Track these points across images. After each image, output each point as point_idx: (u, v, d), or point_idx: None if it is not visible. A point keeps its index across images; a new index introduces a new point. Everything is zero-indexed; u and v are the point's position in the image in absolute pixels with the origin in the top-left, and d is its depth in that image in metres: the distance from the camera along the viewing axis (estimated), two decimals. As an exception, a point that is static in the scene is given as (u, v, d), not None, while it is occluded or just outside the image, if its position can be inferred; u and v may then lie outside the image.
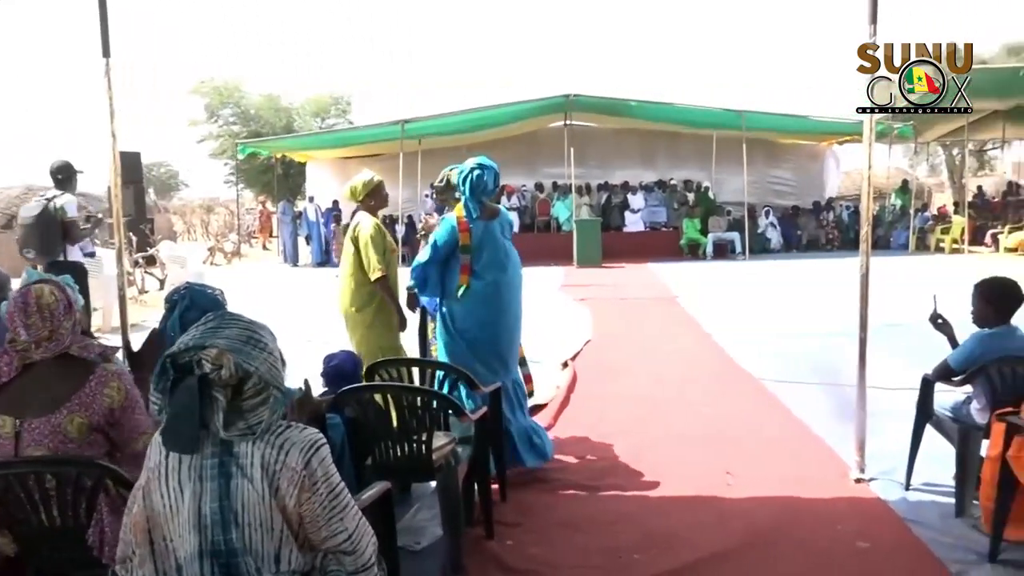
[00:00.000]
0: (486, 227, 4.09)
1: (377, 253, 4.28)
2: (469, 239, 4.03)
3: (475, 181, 4.04)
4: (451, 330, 4.10)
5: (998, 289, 3.51)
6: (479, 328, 4.04)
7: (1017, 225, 17.59)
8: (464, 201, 4.09)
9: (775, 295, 11.39)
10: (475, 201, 4.06)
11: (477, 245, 4.05)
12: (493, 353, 4.06)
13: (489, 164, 4.12)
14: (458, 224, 4.05)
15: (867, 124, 3.89)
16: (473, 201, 4.06)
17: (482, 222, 4.08)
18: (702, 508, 3.71)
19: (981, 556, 3.10)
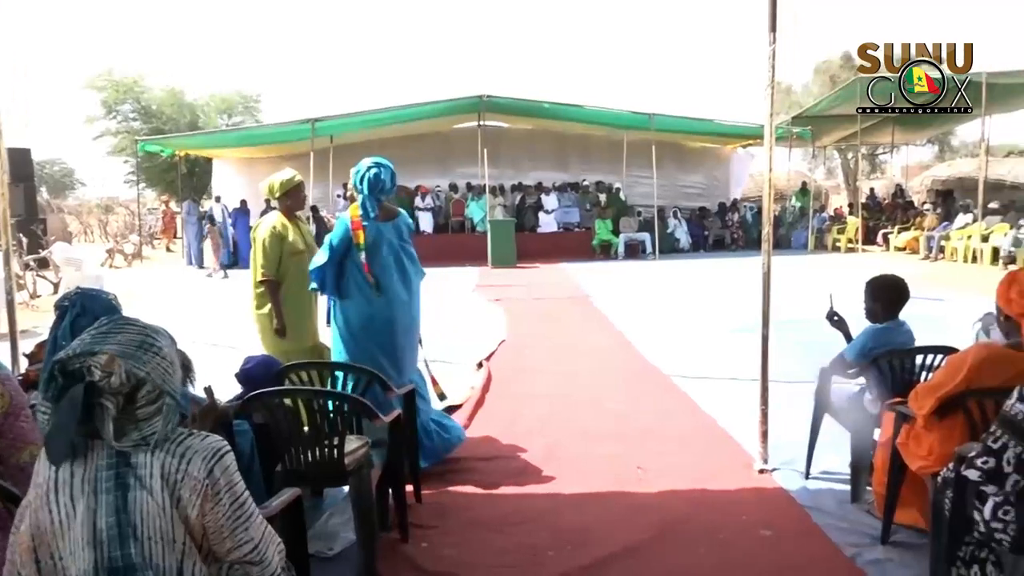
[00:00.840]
0: (381, 227, 4.02)
1: (265, 256, 4.21)
2: (363, 238, 3.97)
3: (372, 180, 3.97)
4: (343, 331, 4.03)
5: (886, 286, 3.71)
6: (373, 330, 3.98)
7: (905, 225, 18.63)
8: (361, 200, 4.02)
9: (684, 294, 11.72)
10: (372, 200, 3.99)
11: (371, 245, 3.98)
12: (385, 356, 3.97)
13: (386, 163, 4.03)
14: (351, 223, 3.98)
15: (767, 128, 4.04)
16: (371, 200, 3.99)
17: (377, 223, 4.01)
18: (614, 503, 3.78)
19: (874, 539, 3.27)
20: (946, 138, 30.72)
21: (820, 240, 19.57)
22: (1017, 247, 13.94)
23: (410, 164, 19.77)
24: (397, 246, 4.07)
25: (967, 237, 15.42)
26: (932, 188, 22.73)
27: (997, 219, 15.41)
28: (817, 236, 19.61)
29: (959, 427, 2.74)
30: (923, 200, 21.24)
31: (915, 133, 24.26)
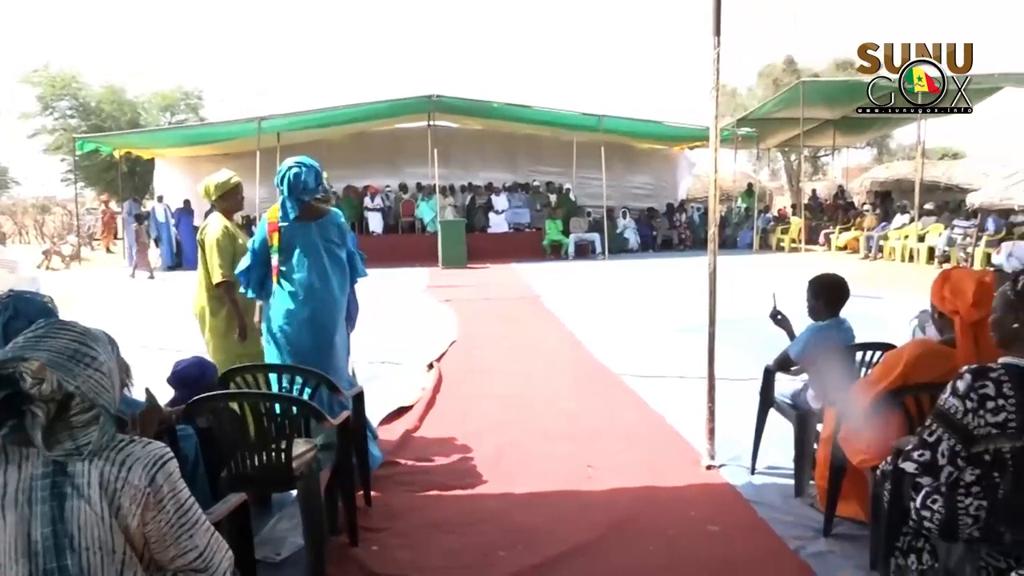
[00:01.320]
0: (302, 228, 3.91)
1: (221, 257, 4.13)
2: (278, 240, 3.87)
3: (292, 180, 3.85)
4: (267, 333, 3.95)
5: (827, 285, 3.81)
6: (289, 334, 3.89)
7: (846, 226, 19.15)
8: (281, 201, 3.92)
9: (633, 293, 11.85)
10: (293, 200, 3.88)
11: (286, 246, 3.89)
12: (306, 360, 3.82)
13: (309, 163, 3.92)
14: (267, 226, 3.90)
15: (712, 131, 4.11)
16: (291, 200, 3.88)
17: (298, 224, 3.90)
18: (565, 501, 3.80)
19: (817, 531, 3.36)
20: (884, 141, 31.67)
21: (765, 240, 20.00)
22: (951, 247, 14.45)
23: (359, 164, 19.62)
24: (321, 247, 3.96)
25: (904, 237, 15.92)
26: (871, 190, 23.40)
27: (932, 219, 15.94)
28: (762, 236, 20.03)
29: (897, 421, 2.82)
30: (863, 201, 21.86)
31: (855, 136, 24.98)
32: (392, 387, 5.86)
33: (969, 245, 13.85)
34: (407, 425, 4.95)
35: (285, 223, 3.90)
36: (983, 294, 2.59)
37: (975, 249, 13.49)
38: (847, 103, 19.75)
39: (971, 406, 2.15)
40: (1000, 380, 2.15)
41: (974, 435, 2.16)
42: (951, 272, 2.83)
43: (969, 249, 13.75)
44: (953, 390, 2.20)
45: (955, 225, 14.81)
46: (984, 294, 2.59)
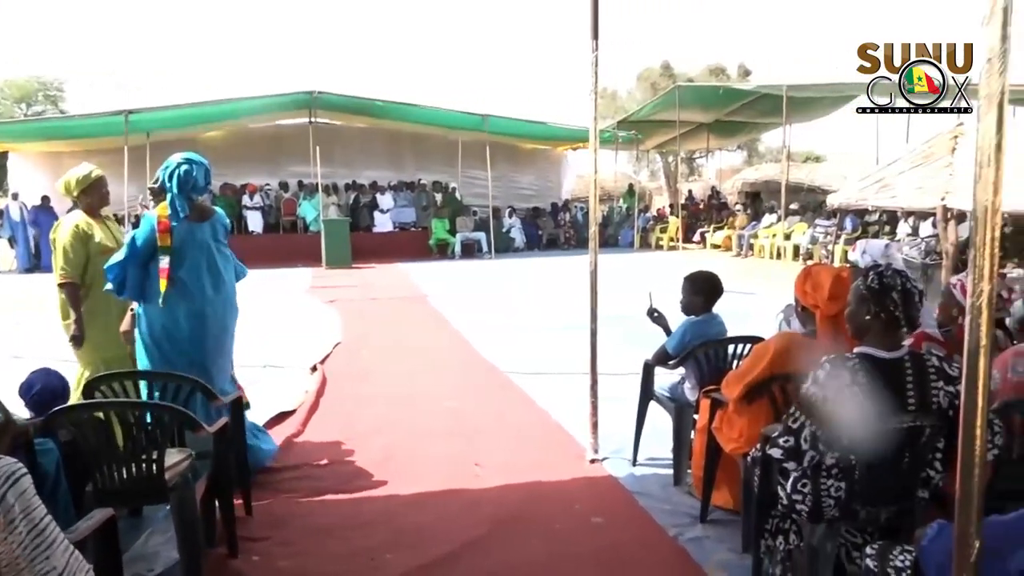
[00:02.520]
0: (192, 229, 3.75)
1: (65, 258, 3.91)
2: (169, 240, 3.67)
3: (183, 177, 3.68)
4: (147, 337, 3.72)
5: (701, 281, 3.98)
6: (178, 338, 3.70)
7: (720, 225, 20.07)
8: (170, 199, 3.71)
9: (520, 292, 11.98)
10: (183, 199, 3.71)
11: (178, 247, 3.70)
12: (193, 366, 3.66)
13: (199, 159, 3.77)
14: (158, 225, 3.68)
15: (592, 132, 4.21)
16: (181, 199, 3.70)
17: (188, 223, 3.73)
18: (452, 500, 3.80)
19: (694, 518, 3.50)
20: (754, 144, 33.38)
21: (645, 239, 20.67)
22: (814, 244, 15.41)
23: (237, 162, 18.91)
24: (211, 247, 3.80)
25: (772, 235, 16.84)
26: (742, 190, 24.63)
27: (797, 219, 16.94)
28: (642, 235, 20.70)
29: (765, 410, 2.99)
30: (735, 201, 22.96)
31: (727, 139, 26.22)
32: (273, 391, 5.68)
33: (830, 243, 14.80)
34: (290, 430, 4.81)
35: (175, 223, 3.71)
36: (839, 288, 2.78)
37: (835, 246, 14.43)
38: (720, 107, 20.72)
39: (830, 393, 2.30)
40: (855, 369, 2.31)
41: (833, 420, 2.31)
42: (812, 268, 3.02)
43: (830, 247, 14.69)
44: (814, 379, 2.35)
45: (817, 224, 15.79)
46: (840, 288, 2.77)
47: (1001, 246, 5.85)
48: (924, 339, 3.14)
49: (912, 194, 10.52)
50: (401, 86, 56.02)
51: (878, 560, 2.09)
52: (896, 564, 2.04)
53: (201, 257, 3.74)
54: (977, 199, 1.55)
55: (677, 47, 70.31)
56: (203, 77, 60.48)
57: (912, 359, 2.35)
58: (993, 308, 1.58)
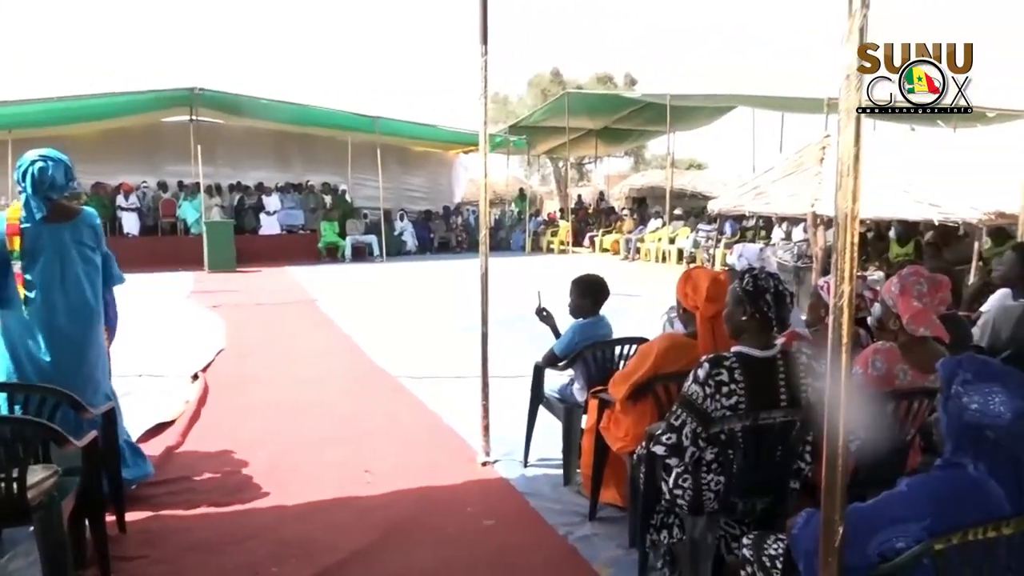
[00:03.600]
0: (52, 230, 3.48)
1: None
2: (20, 243, 3.42)
3: (37, 176, 3.42)
4: (6, 346, 3.47)
5: (588, 284, 4.07)
6: (39, 347, 3.45)
7: (608, 229, 20.57)
8: (25, 199, 3.46)
9: (411, 295, 11.90)
10: (39, 199, 3.45)
11: (30, 250, 3.44)
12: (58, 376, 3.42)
13: (57, 156, 3.50)
14: (7, 228, 3.42)
15: (481, 136, 4.23)
16: (37, 199, 3.45)
17: (46, 225, 3.47)
18: (341, 509, 3.72)
19: (584, 517, 3.58)
20: (640, 151, 34.43)
21: (536, 242, 20.94)
22: (696, 248, 16.03)
23: (112, 160, 17.92)
24: (74, 251, 3.54)
25: (658, 240, 17.41)
26: (629, 196, 25.36)
27: (681, 223, 17.57)
28: (533, 239, 20.96)
29: (650, 409, 3.09)
30: (622, 206, 23.62)
31: (615, 146, 26.94)
32: (151, 401, 5.41)
33: (711, 247, 15.43)
34: (168, 441, 4.59)
35: (29, 224, 3.43)
36: (717, 291, 2.90)
37: (716, 250, 15.06)
38: (607, 114, 21.28)
39: (709, 391, 2.40)
40: (732, 367, 2.42)
41: (712, 417, 2.42)
42: (692, 272, 3.14)
43: (711, 250, 15.32)
44: (694, 378, 2.45)
45: (699, 229, 16.44)
46: (717, 290, 2.90)
47: (863, 250, 6.32)
48: (795, 338, 3.32)
49: (785, 201, 11.12)
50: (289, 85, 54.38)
51: (754, 549, 2.20)
52: (770, 552, 2.15)
53: (60, 261, 3.47)
54: (838, 206, 1.65)
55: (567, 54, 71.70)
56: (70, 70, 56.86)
57: (784, 357, 2.49)
58: (854, 308, 1.69)
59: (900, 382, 2.71)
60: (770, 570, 2.12)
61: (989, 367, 1.76)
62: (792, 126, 19.56)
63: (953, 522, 1.65)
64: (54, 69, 49.38)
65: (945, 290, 2.79)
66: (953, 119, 16.39)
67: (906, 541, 1.67)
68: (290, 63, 60.73)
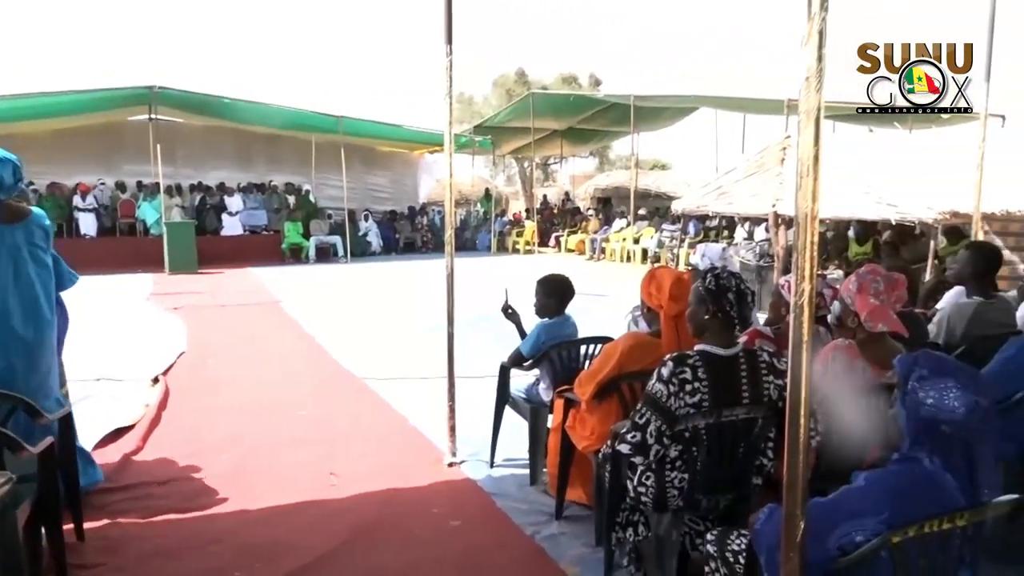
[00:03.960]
0: (2, 232, 3.38)
1: None
2: None
3: None
4: None
5: (553, 284, 4.08)
6: None
7: (574, 229, 20.66)
8: None
9: (377, 296, 11.83)
10: None
11: None
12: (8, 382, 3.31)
13: (4, 155, 3.39)
14: None
15: (446, 136, 4.22)
16: None
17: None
18: (306, 512, 3.69)
19: (550, 516, 3.59)
20: (605, 152, 34.65)
21: (502, 242, 20.96)
22: (660, 248, 16.17)
23: (67, 160, 17.57)
24: (26, 252, 3.43)
25: (622, 239, 17.53)
26: (594, 196, 25.48)
27: (645, 224, 17.73)
28: (499, 239, 20.98)
29: (615, 407, 3.10)
30: (587, 207, 23.73)
31: (580, 146, 27.08)
32: (109, 406, 5.30)
33: (675, 247, 15.59)
34: (127, 447, 4.50)
35: None
36: (680, 290, 2.93)
37: (680, 250, 15.21)
38: (572, 115, 21.37)
39: (673, 389, 2.42)
40: (696, 365, 2.44)
41: (676, 415, 2.44)
42: (656, 271, 3.16)
43: (675, 250, 15.47)
44: (658, 376, 2.46)
45: (664, 229, 16.59)
46: (680, 290, 2.92)
47: (823, 249, 6.39)
48: (757, 336, 3.37)
49: (747, 201, 11.26)
50: (252, 84, 53.61)
51: (717, 545, 2.22)
52: (733, 548, 2.18)
53: (9, 263, 3.37)
54: (798, 206, 1.68)
55: (532, 54, 71.83)
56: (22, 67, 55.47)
57: (746, 355, 2.52)
58: (814, 306, 1.71)
59: (859, 378, 2.77)
60: (733, 565, 2.15)
61: (944, 363, 1.80)
62: (754, 127, 19.84)
63: (910, 515, 1.68)
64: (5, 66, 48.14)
65: (901, 288, 2.85)
66: (909, 120, 16.78)
67: (865, 534, 1.70)
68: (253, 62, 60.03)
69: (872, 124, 17.30)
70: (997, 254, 4.40)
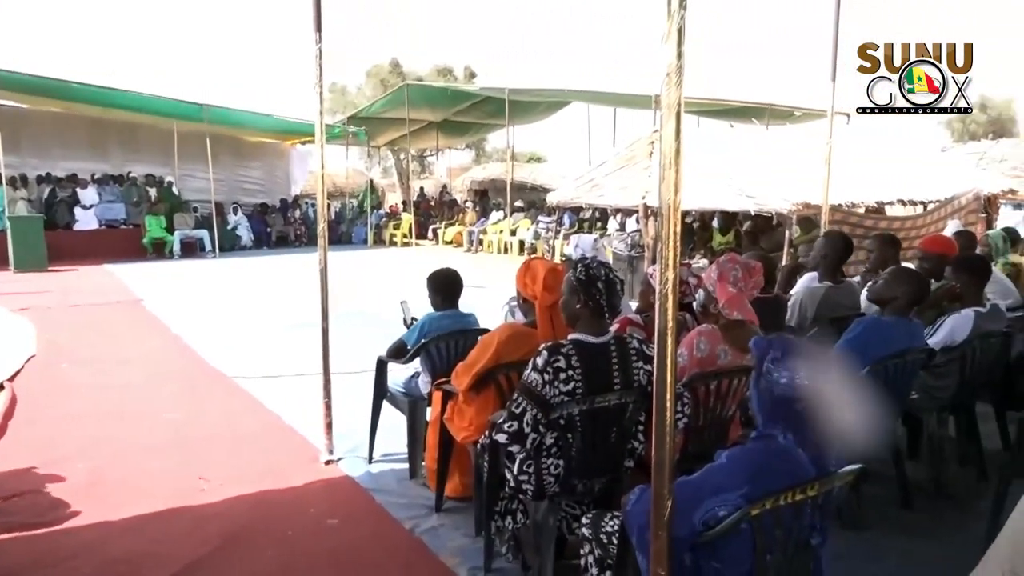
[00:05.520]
0: None
1: None
2: None
3: None
4: None
5: (438, 279, 4.05)
6: None
7: (451, 221, 20.63)
8: None
9: (248, 292, 11.40)
10: None
11: None
12: None
13: None
14: None
15: (317, 126, 4.11)
16: None
17: None
18: (174, 520, 3.52)
19: (430, 509, 3.58)
20: (481, 144, 34.74)
21: (379, 235, 20.66)
22: (537, 239, 16.42)
23: None
24: None
25: (500, 232, 17.68)
26: (471, 188, 25.56)
27: (522, 215, 17.94)
28: (376, 232, 20.67)
29: (492, 398, 3.13)
30: (465, 199, 23.75)
31: (456, 139, 27.01)
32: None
33: (551, 238, 15.86)
34: (-31, 460, 4.15)
35: None
36: (554, 280, 2.98)
37: (555, 241, 15.50)
38: (447, 107, 21.30)
39: (548, 378, 2.47)
40: (569, 354, 2.50)
41: (552, 403, 2.48)
42: (530, 262, 3.21)
43: (551, 241, 15.75)
44: (533, 366, 2.50)
45: (540, 220, 16.85)
46: (554, 280, 2.98)
47: (690, 239, 6.71)
48: (628, 324, 3.48)
49: (617, 193, 11.62)
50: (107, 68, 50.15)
51: (592, 528, 2.29)
52: (607, 530, 2.25)
53: None
54: (662, 198, 1.74)
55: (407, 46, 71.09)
56: None
57: (617, 343, 2.60)
58: (678, 294, 1.79)
59: (722, 362, 2.91)
60: (607, 546, 2.22)
61: (795, 345, 1.92)
62: (624, 121, 20.48)
63: (767, 488, 1.79)
64: None
65: (758, 275, 3.02)
66: (766, 117, 17.79)
67: (727, 509, 1.79)
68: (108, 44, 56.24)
69: (733, 120, 18.21)
70: (848, 242, 4.74)
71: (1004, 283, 5.00)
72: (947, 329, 3.85)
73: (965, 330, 3.81)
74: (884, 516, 3.48)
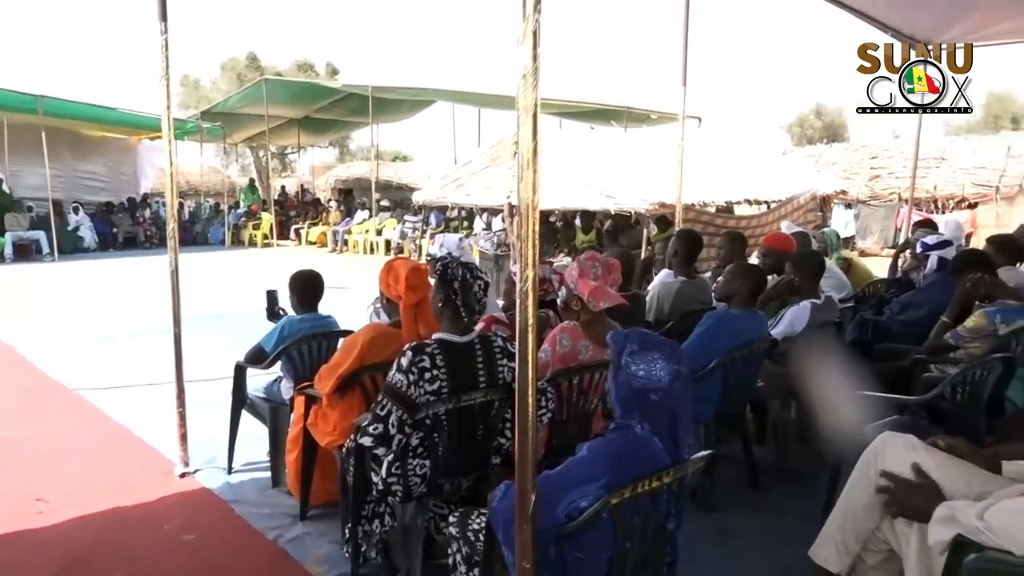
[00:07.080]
0: None
1: None
2: None
3: None
4: None
5: (297, 281, 3.91)
6: None
7: (314, 221, 20.09)
8: None
9: (92, 297, 10.63)
10: None
11: None
12: None
13: None
14: None
15: (164, 121, 3.90)
16: None
17: None
18: (8, 546, 3.23)
19: (294, 517, 3.48)
20: (345, 142, 34.09)
21: (237, 236, 19.82)
22: (403, 239, 16.27)
23: None
24: None
25: (365, 231, 17.39)
26: (335, 187, 24.98)
27: (388, 215, 17.72)
28: (234, 232, 19.82)
29: (357, 401, 3.07)
30: (328, 198, 23.19)
31: (318, 136, 26.34)
32: None
33: (418, 238, 15.77)
34: None
35: None
36: (417, 279, 2.97)
37: (422, 241, 15.42)
38: (308, 103, 20.73)
39: (413, 379, 2.45)
40: (434, 353, 2.49)
41: (417, 404, 2.47)
42: (393, 262, 3.18)
43: (418, 241, 15.66)
44: (398, 366, 2.48)
45: (406, 220, 16.70)
46: (417, 279, 2.97)
47: (553, 237, 6.89)
48: (493, 322, 3.51)
49: (483, 193, 11.72)
50: (-81, 53, 45.21)
51: (459, 526, 2.29)
52: (474, 527, 2.26)
53: None
54: (520, 197, 1.77)
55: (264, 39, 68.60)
56: None
57: (481, 341, 2.62)
58: (538, 291, 1.82)
59: (583, 357, 3.00)
60: (474, 543, 2.23)
61: (650, 338, 2.00)
62: (490, 121, 20.62)
63: (625, 477, 1.85)
64: None
65: (616, 271, 3.13)
66: (624, 119, 18.45)
67: (588, 499, 1.84)
68: (-80, 27, 50.78)
69: (593, 122, 18.78)
70: (698, 240, 5.01)
71: (838, 276, 5.43)
72: (788, 320, 4.15)
73: (803, 320, 4.11)
74: (735, 497, 3.70)
